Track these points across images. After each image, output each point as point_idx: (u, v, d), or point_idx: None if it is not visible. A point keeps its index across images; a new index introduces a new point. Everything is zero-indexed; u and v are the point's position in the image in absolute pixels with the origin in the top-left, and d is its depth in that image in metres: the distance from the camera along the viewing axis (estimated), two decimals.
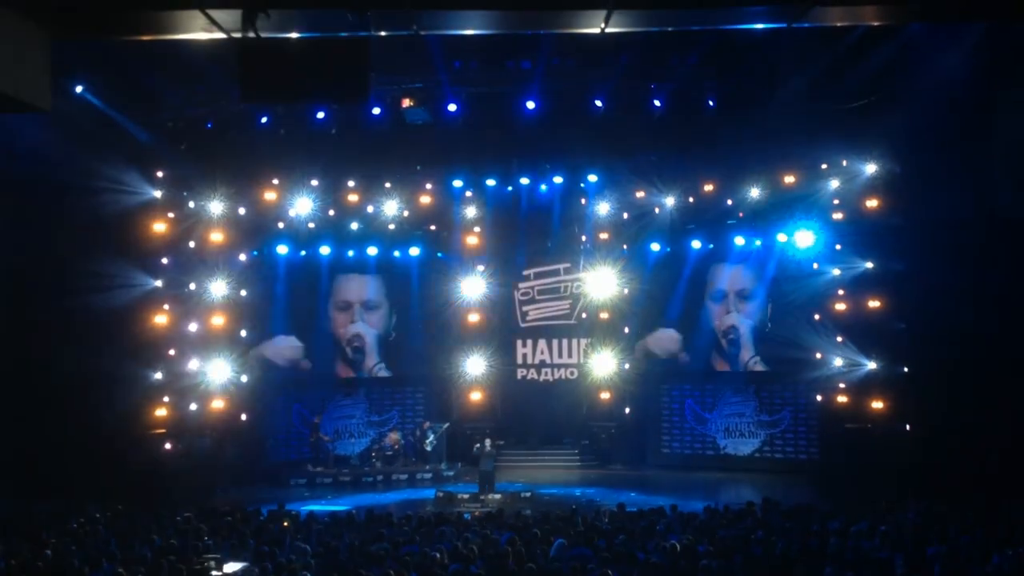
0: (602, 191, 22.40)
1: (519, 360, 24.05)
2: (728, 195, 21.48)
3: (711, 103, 18.54)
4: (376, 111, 18.80)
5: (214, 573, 10.38)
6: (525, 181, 22.76)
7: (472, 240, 22.97)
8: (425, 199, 22.33)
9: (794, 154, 20.33)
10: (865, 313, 19.66)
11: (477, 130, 19.53)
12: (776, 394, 22.12)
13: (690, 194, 21.91)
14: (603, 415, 23.12)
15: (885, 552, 10.50)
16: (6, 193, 16.87)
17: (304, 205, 21.43)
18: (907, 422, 18.90)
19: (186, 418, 19.41)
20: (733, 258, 22.34)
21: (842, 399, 19.96)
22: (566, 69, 18.45)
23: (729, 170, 21.11)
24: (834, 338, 20.26)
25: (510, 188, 22.96)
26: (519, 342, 24.09)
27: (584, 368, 23.35)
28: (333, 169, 21.17)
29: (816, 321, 20.76)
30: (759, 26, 10.15)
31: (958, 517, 12.44)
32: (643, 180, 21.77)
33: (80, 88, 17.08)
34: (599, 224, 22.83)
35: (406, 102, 18.41)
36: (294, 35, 8.80)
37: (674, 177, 21.68)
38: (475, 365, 22.94)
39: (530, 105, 18.58)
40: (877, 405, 19.30)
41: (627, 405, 23.07)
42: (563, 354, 24.02)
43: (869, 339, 19.63)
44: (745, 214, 21.51)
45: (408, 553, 10.66)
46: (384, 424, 23.11)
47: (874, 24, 12.09)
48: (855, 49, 16.29)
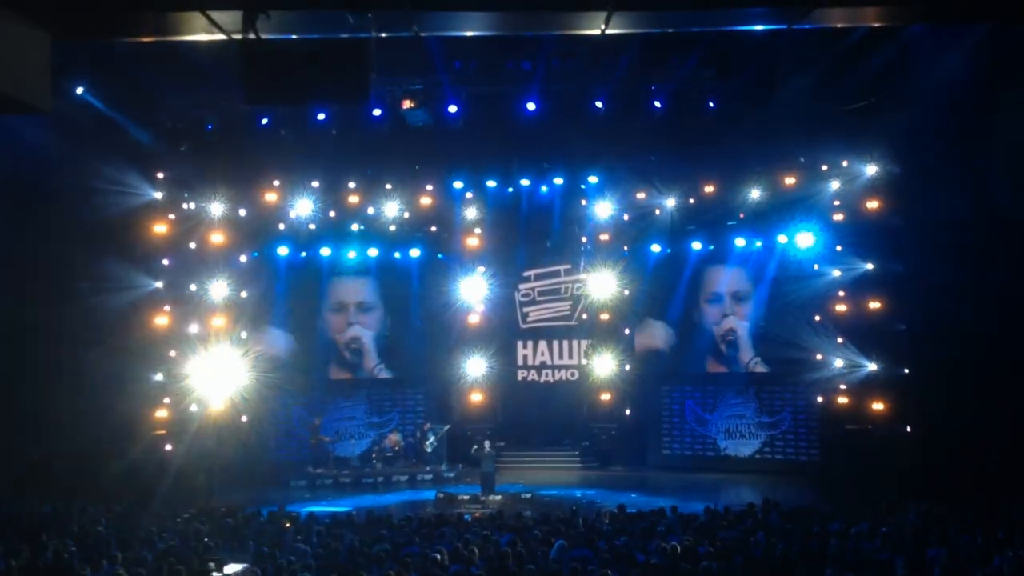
0: (602, 192, 22.40)
1: (520, 361, 24.07)
2: (729, 196, 21.47)
3: (711, 104, 18.53)
4: (376, 112, 18.78)
5: (214, 574, 10.37)
6: (525, 182, 22.79)
7: (472, 241, 22.96)
8: (425, 200, 22.33)
9: (794, 155, 20.38)
10: (865, 314, 19.68)
11: (477, 131, 19.54)
12: (776, 395, 22.12)
13: (690, 195, 21.93)
14: (603, 416, 23.12)
15: (886, 554, 10.50)
16: (6, 193, 16.88)
17: (304, 206, 21.46)
18: (907, 423, 18.92)
19: (186, 419, 19.39)
20: (733, 260, 22.35)
21: (842, 400, 19.96)
22: (566, 70, 18.42)
23: (729, 171, 21.13)
24: (834, 339, 20.27)
25: (510, 189, 22.99)
26: (520, 343, 24.10)
27: (585, 369, 23.34)
28: (333, 170, 21.20)
29: (816, 322, 20.79)
30: (760, 27, 10.13)
31: (958, 518, 12.44)
32: (643, 181, 21.81)
33: (80, 88, 17.06)
34: (599, 225, 22.82)
35: (406, 104, 18.37)
36: (294, 36, 8.79)
37: (674, 178, 21.73)
38: (476, 366, 22.92)
39: (530, 106, 18.59)
40: (877, 406, 19.32)
41: (628, 406, 23.08)
42: (564, 355, 24.04)
43: (869, 340, 19.65)
44: (745, 215, 21.51)
45: (408, 554, 10.65)
46: (384, 425, 23.09)
47: (875, 25, 12.06)
48: (856, 50, 16.26)
